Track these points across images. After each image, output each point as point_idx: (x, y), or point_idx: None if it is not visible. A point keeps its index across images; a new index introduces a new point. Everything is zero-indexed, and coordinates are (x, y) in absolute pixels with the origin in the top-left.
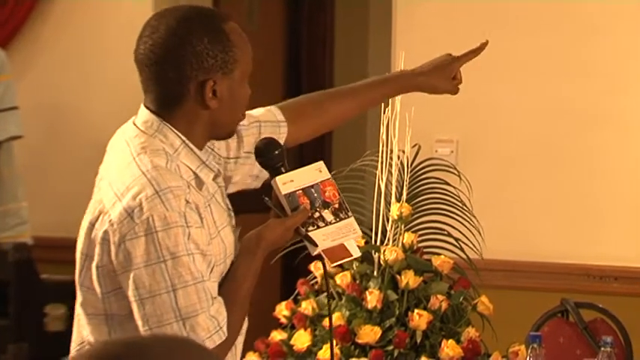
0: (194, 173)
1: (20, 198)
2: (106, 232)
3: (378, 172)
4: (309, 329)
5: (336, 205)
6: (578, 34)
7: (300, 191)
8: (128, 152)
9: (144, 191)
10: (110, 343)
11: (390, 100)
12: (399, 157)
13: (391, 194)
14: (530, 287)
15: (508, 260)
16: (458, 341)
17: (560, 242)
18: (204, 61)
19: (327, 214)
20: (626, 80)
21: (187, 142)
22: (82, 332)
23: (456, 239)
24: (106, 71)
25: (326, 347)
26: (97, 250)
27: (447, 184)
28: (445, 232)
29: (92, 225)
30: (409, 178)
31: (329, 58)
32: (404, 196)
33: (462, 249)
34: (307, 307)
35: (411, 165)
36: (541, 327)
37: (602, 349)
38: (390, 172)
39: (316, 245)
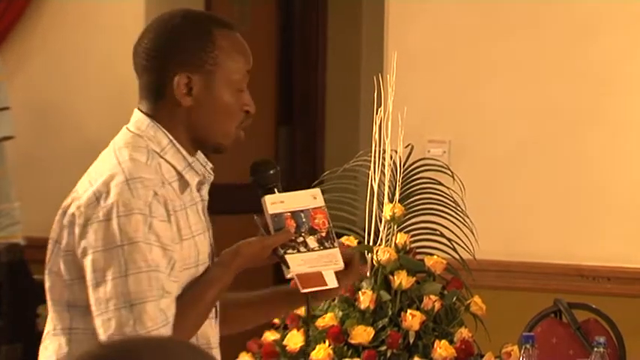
0: (178, 174)
1: (12, 198)
2: (72, 215)
3: (370, 173)
4: (301, 330)
5: (323, 234)
6: (570, 35)
7: (289, 214)
8: (111, 148)
9: (114, 178)
10: (104, 346)
11: (382, 100)
12: (391, 158)
13: (384, 194)
14: (523, 287)
15: (501, 260)
16: (451, 342)
17: (553, 242)
18: (182, 54)
19: (312, 241)
20: (616, 81)
21: (175, 141)
22: (49, 319)
23: (449, 239)
24: (98, 72)
25: (319, 347)
26: (65, 233)
27: (440, 184)
28: (438, 233)
29: (64, 212)
30: (402, 178)
31: (322, 58)
32: (397, 197)
33: (454, 249)
34: (301, 307)
35: (403, 165)
36: (534, 327)
37: (595, 349)
38: (382, 173)
39: (288, 267)
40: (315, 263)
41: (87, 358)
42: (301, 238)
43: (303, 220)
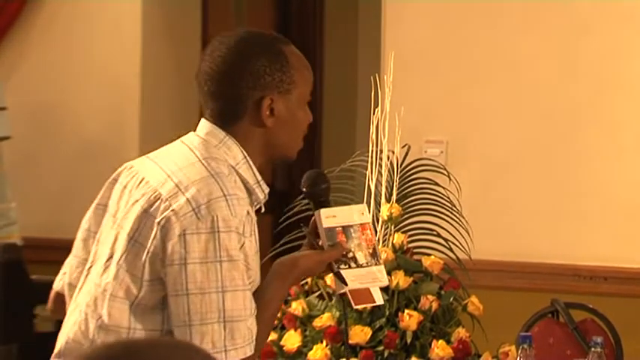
0: (248, 190)
1: (9, 198)
2: (167, 220)
3: (367, 173)
4: (299, 330)
5: (371, 250)
6: (567, 34)
7: (340, 228)
8: (193, 155)
9: (212, 191)
10: (110, 346)
11: (379, 100)
12: (388, 158)
13: (381, 195)
14: (520, 288)
15: (498, 261)
16: (448, 342)
17: (550, 242)
18: (262, 79)
19: (361, 257)
20: (613, 81)
21: (248, 157)
22: (98, 310)
23: (446, 240)
24: (94, 71)
25: (316, 348)
26: (152, 235)
27: (437, 184)
28: (435, 233)
29: (146, 211)
30: (399, 178)
31: (319, 60)
32: (394, 197)
33: (451, 249)
34: (297, 307)
35: (400, 165)
36: (531, 327)
37: (592, 349)
38: (379, 173)
39: (346, 284)
40: (364, 279)
41: (95, 357)
42: (351, 254)
43: (353, 235)
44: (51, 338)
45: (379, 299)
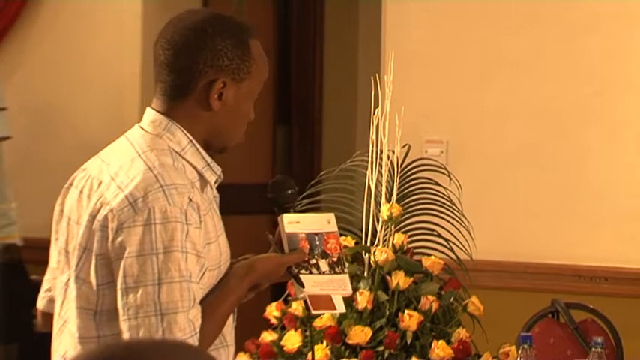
0: (199, 173)
1: (9, 199)
2: (105, 219)
3: (368, 173)
4: (299, 330)
5: (335, 259)
6: (568, 34)
7: (303, 235)
8: (132, 151)
9: (149, 184)
10: (111, 346)
11: (380, 100)
12: (389, 158)
13: (381, 195)
14: (521, 288)
15: (498, 261)
16: (448, 342)
17: (551, 243)
18: (220, 60)
19: (323, 264)
20: (614, 81)
21: (194, 141)
22: (70, 327)
23: (446, 240)
24: (94, 71)
25: (316, 348)
26: (96, 237)
27: (437, 184)
28: (435, 233)
29: (93, 217)
30: (399, 178)
31: (319, 58)
32: (394, 197)
33: (452, 249)
34: (297, 307)
35: (401, 165)
36: (532, 327)
37: (593, 349)
38: (380, 173)
39: (303, 287)
40: (326, 286)
41: (95, 357)
42: (314, 260)
43: (317, 242)
44: (51, 338)
45: (341, 307)
